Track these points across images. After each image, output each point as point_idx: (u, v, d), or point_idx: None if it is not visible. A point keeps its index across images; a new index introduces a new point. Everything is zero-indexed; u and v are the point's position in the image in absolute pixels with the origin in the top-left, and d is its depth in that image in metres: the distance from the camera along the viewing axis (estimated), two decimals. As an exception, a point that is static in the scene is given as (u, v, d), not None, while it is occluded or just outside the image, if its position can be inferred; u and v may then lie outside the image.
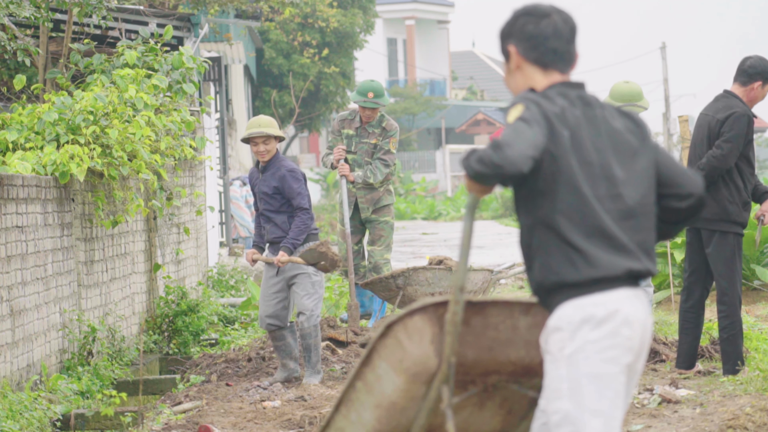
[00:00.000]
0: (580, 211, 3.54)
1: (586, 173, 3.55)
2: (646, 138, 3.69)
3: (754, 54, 7.96)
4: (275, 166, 8.80)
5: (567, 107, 3.60)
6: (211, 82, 19.33)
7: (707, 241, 7.85)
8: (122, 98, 10.05)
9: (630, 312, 3.53)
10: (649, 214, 3.63)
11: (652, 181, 3.65)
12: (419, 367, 3.73)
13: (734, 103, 7.76)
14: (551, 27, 3.66)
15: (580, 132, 3.58)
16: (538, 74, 3.69)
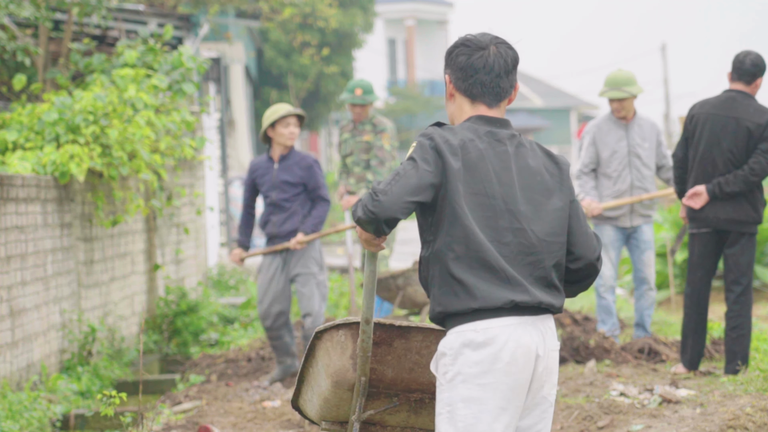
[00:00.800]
0: (465, 244, 3.62)
1: (481, 205, 3.65)
2: (565, 182, 3.77)
3: (748, 51, 7.93)
4: (298, 155, 8.85)
5: (471, 141, 3.68)
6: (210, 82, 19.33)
7: (733, 242, 7.85)
8: (122, 98, 10.05)
9: (512, 339, 3.59)
10: (556, 252, 3.70)
11: (564, 222, 3.73)
12: (340, 376, 3.98)
13: (761, 106, 7.82)
14: (482, 61, 3.74)
15: (480, 165, 3.67)
16: (466, 105, 3.78)
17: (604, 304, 9.27)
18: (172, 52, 11.27)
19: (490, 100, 3.78)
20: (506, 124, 3.78)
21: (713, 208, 7.86)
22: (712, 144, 7.86)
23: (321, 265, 8.82)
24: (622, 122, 9.22)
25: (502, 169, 3.69)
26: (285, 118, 8.77)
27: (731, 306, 7.86)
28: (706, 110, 7.90)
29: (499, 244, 3.64)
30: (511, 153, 3.72)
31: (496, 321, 3.60)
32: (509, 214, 3.67)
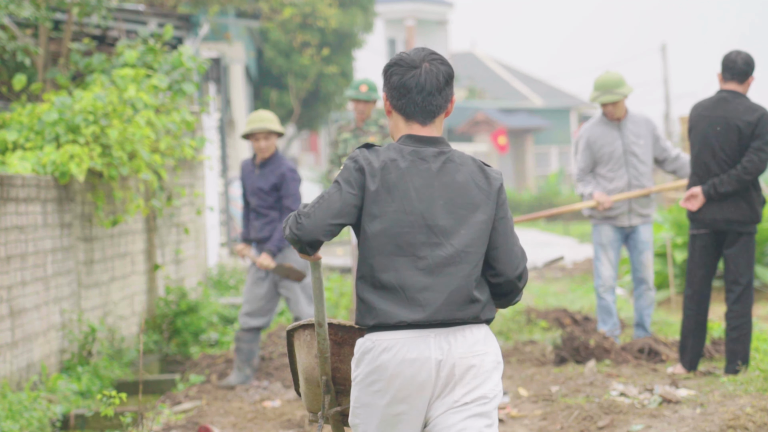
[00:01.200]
0: (370, 265, 3.85)
1: (399, 222, 3.83)
2: (492, 196, 3.90)
3: (738, 50, 7.93)
4: (275, 162, 8.80)
5: (392, 161, 3.86)
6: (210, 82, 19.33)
7: (731, 242, 7.85)
8: (122, 98, 10.05)
9: (401, 351, 3.80)
10: (474, 262, 3.85)
11: (485, 235, 3.87)
12: (308, 373, 4.21)
13: (753, 104, 7.80)
14: (415, 80, 3.89)
15: (399, 184, 3.85)
16: (401, 122, 3.95)
17: (604, 305, 9.27)
18: (172, 52, 11.27)
19: (422, 119, 3.92)
20: (435, 142, 3.92)
21: (710, 209, 7.86)
22: (705, 145, 7.87)
23: (304, 267, 8.83)
24: (615, 122, 9.24)
25: (423, 186, 3.86)
26: (254, 133, 8.75)
27: (731, 306, 7.86)
28: (699, 112, 7.93)
29: (416, 258, 3.83)
30: (435, 170, 3.88)
31: (389, 334, 3.82)
32: (427, 229, 3.84)
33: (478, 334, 3.87)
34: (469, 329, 3.86)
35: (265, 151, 8.78)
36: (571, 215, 31.96)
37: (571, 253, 19.83)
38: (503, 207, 3.92)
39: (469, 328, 3.86)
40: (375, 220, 3.85)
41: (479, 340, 3.86)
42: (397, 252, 3.84)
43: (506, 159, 52.78)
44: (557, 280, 15.70)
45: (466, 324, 3.86)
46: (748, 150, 7.76)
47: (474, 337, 3.85)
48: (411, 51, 3.96)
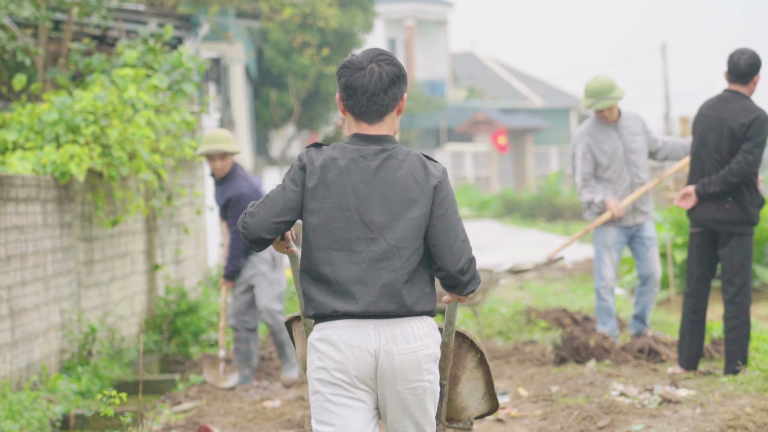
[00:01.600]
0: (308, 258, 4.05)
1: (335, 218, 4.00)
2: (429, 191, 4.02)
3: (742, 49, 7.90)
4: (227, 183, 8.87)
5: (333, 160, 4.03)
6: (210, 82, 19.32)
7: (724, 243, 7.84)
8: (122, 98, 10.05)
9: (342, 339, 3.99)
10: (409, 257, 4.00)
11: (419, 230, 4.02)
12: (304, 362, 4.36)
13: (752, 105, 7.78)
14: (360, 81, 4.02)
15: (338, 181, 4.01)
16: (352, 122, 4.10)
17: (605, 306, 9.27)
18: (172, 52, 11.27)
19: (369, 118, 4.06)
20: (379, 140, 4.06)
21: (701, 208, 7.87)
22: (702, 144, 7.88)
23: (273, 264, 8.89)
24: (612, 123, 9.24)
25: (361, 183, 4.01)
26: (209, 153, 8.81)
27: (727, 307, 7.86)
28: (700, 111, 7.94)
29: (351, 252, 3.99)
30: (374, 167, 4.02)
31: (330, 324, 4.02)
32: (363, 225, 4.00)
33: (417, 329, 4.03)
34: (409, 323, 4.02)
35: (221, 171, 8.87)
36: (571, 215, 31.94)
37: (571, 253, 19.82)
38: (443, 204, 4.03)
39: (409, 321, 4.02)
40: (313, 216, 4.01)
41: (418, 335, 4.02)
42: (333, 246, 4.00)
43: (506, 159, 52.77)
44: (557, 280, 15.70)
45: (404, 317, 4.02)
46: (738, 152, 7.76)
47: (413, 332, 4.01)
48: (361, 52, 4.07)
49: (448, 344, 4.28)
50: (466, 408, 4.49)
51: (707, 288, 8.03)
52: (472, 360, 4.42)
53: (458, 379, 4.42)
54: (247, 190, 8.83)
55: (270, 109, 32.13)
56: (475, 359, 4.42)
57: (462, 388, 4.44)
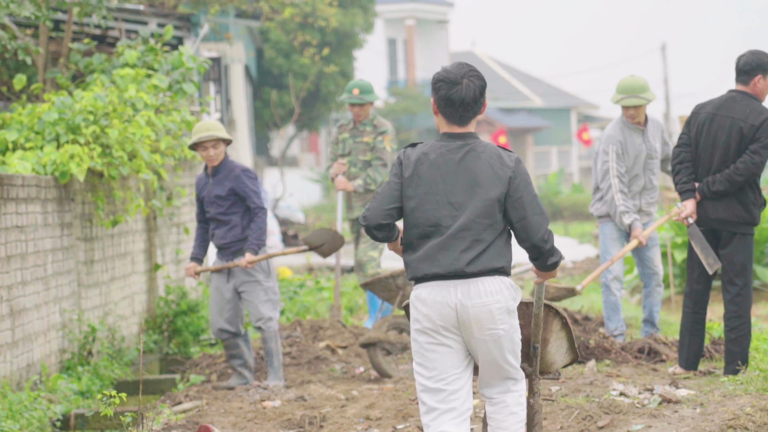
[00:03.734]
0: (406, 232, 5.03)
1: (429, 201, 4.97)
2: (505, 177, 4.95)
3: (748, 50, 7.93)
4: (227, 167, 8.77)
5: (425, 154, 5.01)
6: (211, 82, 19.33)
7: (726, 243, 7.85)
8: (122, 98, 10.05)
9: (429, 297, 4.95)
10: (486, 231, 4.94)
11: (494, 209, 4.95)
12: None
13: (760, 107, 7.80)
14: (457, 94, 4.97)
15: (429, 172, 4.98)
16: (443, 123, 5.06)
17: (613, 300, 9.32)
18: (172, 52, 11.27)
19: (461, 121, 5.02)
20: (465, 137, 5.03)
21: (704, 207, 7.88)
22: (708, 144, 7.87)
23: (268, 272, 8.80)
24: (639, 127, 9.25)
25: (447, 172, 4.98)
26: (202, 142, 8.72)
27: (728, 306, 7.86)
28: (707, 110, 7.92)
29: (441, 227, 4.95)
30: (458, 159, 4.99)
31: (422, 286, 4.99)
32: (449, 205, 4.96)
33: (489, 286, 4.93)
34: (482, 281, 4.94)
35: (215, 159, 8.74)
36: (571, 215, 31.95)
37: (571, 253, 19.83)
38: (518, 188, 4.94)
39: (482, 280, 4.94)
40: (410, 200, 4.98)
41: (489, 291, 4.92)
42: (426, 223, 4.95)
43: (506, 159, 52.70)
44: (557, 280, 15.71)
45: (479, 276, 4.93)
46: (744, 152, 7.77)
47: (485, 288, 4.92)
48: (452, 67, 5.01)
49: (539, 315, 5.23)
50: (555, 362, 5.42)
51: (707, 288, 8.04)
52: (557, 324, 5.36)
53: (547, 341, 5.35)
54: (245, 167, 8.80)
55: (270, 109, 32.11)
56: (560, 323, 5.37)
57: (551, 347, 5.38)
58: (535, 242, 4.95)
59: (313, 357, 9.52)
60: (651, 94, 9.13)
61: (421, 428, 7.01)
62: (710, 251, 7.84)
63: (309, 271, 16.56)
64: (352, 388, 8.45)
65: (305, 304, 12.65)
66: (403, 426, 7.09)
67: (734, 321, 7.83)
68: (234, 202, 8.74)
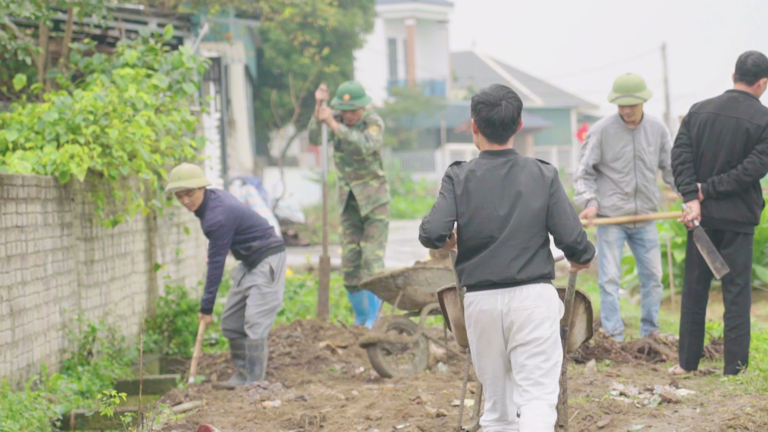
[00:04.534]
0: (460, 244, 5.44)
1: (479, 215, 5.37)
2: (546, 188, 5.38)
3: (751, 51, 7.92)
4: (203, 214, 8.82)
5: (472, 172, 5.41)
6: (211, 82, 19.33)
7: (729, 242, 7.85)
8: (122, 98, 10.05)
9: (477, 304, 5.38)
10: (534, 239, 5.34)
11: (541, 218, 5.37)
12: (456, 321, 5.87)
13: (764, 107, 7.81)
14: (498, 115, 5.37)
15: (477, 187, 5.38)
16: (484, 142, 5.46)
17: (610, 300, 9.32)
18: (172, 52, 11.27)
19: (501, 140, 5.43)
20: (506, 153, 5.44)
21: (707, 207, 7.87)
22: (712, 144, 7.86)
23: (270, 277, 8.86)
24: (630, 126, 9.22)
25: (494, 187, 5.38)
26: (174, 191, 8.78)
27: (729, 306, 7.86)
28: (708, 110, 7.90)
29: (490, 238, 5.35)
30: (503, 174, 5.39)
31: (472, 293, 5.42)
32: (499, 217, 5.35)
33: (532, 292, 5.32)
34: (526, 288, 5.32)
35: (191, 206, 8.81)
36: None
37: (571, 252, 19.83)
38: (555, 195, 5.37)
39: (526, 287, 5.33)
40: (463, 216, 5.40)
41: (531, 296, 5.30)
42: (478, 235, 5.36)
43: (506, 159, 52.72)
44: (557, 280, 15.69)
45: (524, 284, 5.32)
46: (751, 152, 7.77)
47: (528, 294, 5.30)
48: (491, 89, 5.41)
49: (570, 301, 5.62)
50: (576, 342, 5.86)
51: (707, 287, 8.04)
52: (582, 308, 5.77)
53: (573, 324, 5.77)
54: (222, 217, 8.75)
55: (270, 109, 32.10)
56: (583, 306, 5.77)
57: (576, 329, 5.81)
58: (570, 243, 5.38)
59: (313, 357, 9.52)
60: (647, 93, 9.08)
61: (421, 428, 7.02)
62: (717, 255, 7.83)
63: (309, 271, 16.56)
64: (352, 388, 8.45)
65: (305, 304, 12.65)
66: (403, 426, 7.09)
67: (734, 321, 7.83)
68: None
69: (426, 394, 7.86)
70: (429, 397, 7.73)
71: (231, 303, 9.00)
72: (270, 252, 8.89)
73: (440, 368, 9.08)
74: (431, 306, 8.97)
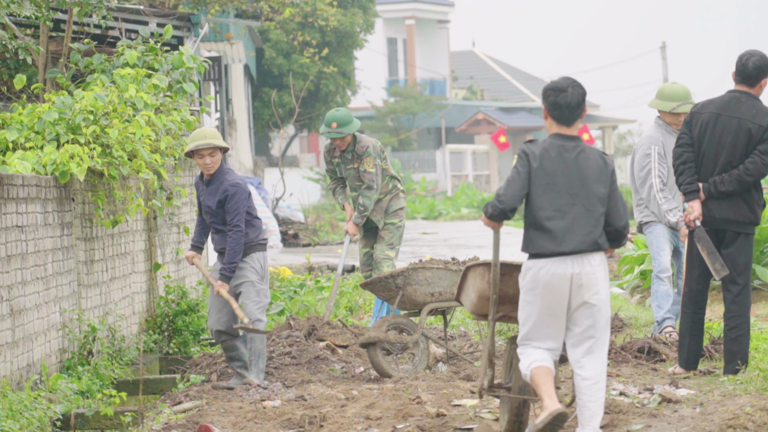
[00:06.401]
0: (534, 215, 6.15)
1: (551, 191, 6.12)
2: (609, 176, 6.19)
3: (752, 51, 7.92)
4: (219, 179, 8.77)
5: (546, 151, 6.16)
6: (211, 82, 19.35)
7: (730, 242, 7.86)
8: (122, 98, 10.05)
9: (548, 269, 6.11)
10: (597, 218, 6.15)
11: (603, 201, 6.16)
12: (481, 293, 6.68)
13: (765, 107, 7.82)
14: (565, 100, 6.15)
15: (550, 166, 6.13)
16: (553, 125, 6.23)
17: (664, 289, 9.41)
18: (172, 52, 11.27)
19: (567, 122, 6.20)
20: (574, 139, 6.21)
21: (709, 207, 7.87)
22: (714, 144, 7.86)
23: (262, 275, 8.82)
24: (675, 131, 9.30)
25: (566, 168, 6.14)
26: (199, 150, 8.73)
27: (729, 306, 7.86)
28: (710, 110, 7.91)
29: (561, 212, 6.12)
30: (573, 158, 6.16)
31: (542, 260, 6.12)
32: (568, 195, 6.14)
33: (597, 258, 6.15)
34: (591, 255, 6.13)
35: (211, 167, 8.74)
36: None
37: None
38: (614, 184, 6.18)
39: (591, 255, 6.13)
40: (537, 188, 6.11)
41: (597, 262, 6.13)
42: (550, 208, 6.10)
43: (506, 158, 52.77)
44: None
45: (590, 252, 6.11)
46: (753, 152, 7.78)
47: (594, 260, 6.12)
48: (559, 79, 6.18)
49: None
50: None
51: (706, 287, 8.04)
52: None
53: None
54: (239, 181, 8.79)
55: (270, 109, 32.10)
56: None
57: None
58: (619, 228, 6.17)
59: (313, 357, 9.52)
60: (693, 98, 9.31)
61: (421, 428, 7.02)
62: (717, 256, 7.83)
63: (309, 271, 16.56)
64: (352, 387, 8.45)
65: (305, 304, 12.66)
66: (403, 426, 7.09)
67: (735, 320, 7.83)
68: (224, 214, 8.77)
69: (426, 394, 7.86)
70: (429, 397, 7.73)
71: (219, 303, 8.87)
72: (259, 248, 8.86)
73: (440, 368, 9.09)
74: (431, 306, 8.97)
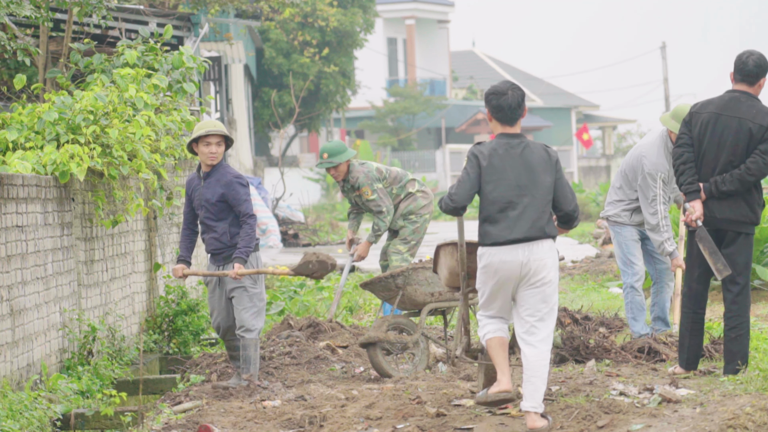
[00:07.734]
0: (485, 208, 6.78)
1: (500, 186, 6.74)
2: (553, 165, 6.83)
3: (751, 50, 7.93)
4: (220, 172, 8.74)
5: (493, 150, 6.82)
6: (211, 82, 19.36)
7: (730, 242, 7.86)
8: (122, 98, 10.05)
9: (498, 256, 6.75)
10: (545, 207, 6.78)
11: (550, 189, 6.80)
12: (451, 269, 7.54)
13: (765, 107, 7.83)
14: (506, 102, 6.82)
15: (499, 163, 6.78)
16: (497, 126, 6.90)
17: (639, 300, 9.42)
18: (172, 52, 11.28)
19: (509, 123, 6.86)
20: (518, 136, 6.86)
21: (709, 207, 7.87)
22: (714, 144, 7.86)
23: (256, 279, 8.77)
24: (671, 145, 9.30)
25: (513, 163, 6.78)
26: (206, 137, 8.68)
27: (729, 306, 7.87)
28: (710, 110, 7.90)
29: (512, 204, 6.73)
30: (519, 153, 6.81)
31: (495, 247, 6.75)
32: (517, 187, 6.75)
33: (545, 245, 6.75)
34: (540, 243, 6.74)
35: (215, 157, 8.69)
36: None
37: (571, 252, 19.84)
38: (559, 173, 6.82)
39: (540, 242, 6.73)
40: (488, 184, 6.74)
41: (545, 249, 6.74)
42: (501, 200, 6.71)
43: (506, 159, 52.66)
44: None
45: (538, 239, 6.71)
46: (754, 152, 7.78)
47: (543, 247, 6.73)
48: (498, 84, 6.84)
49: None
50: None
51: (706, 287, 8.04)
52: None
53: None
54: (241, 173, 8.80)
55: (270, 109, 32.10)
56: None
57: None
58: (568, 211, 6.85)
59: (313, 357, 9.53)
60: None
61: (421, 428, 7.02)
62: (719, 256, 7.82)
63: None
64: (352, 387, 8.45)
65: (305, 304, 12.66)
66: (403, 426, 7.09)
67: (734, 320, 7.83)
68: (222, 208, 8.72)
69: (426, 394, 7.86)
70: (429, 397, 7.73)
71: (218, 306, 8.87)
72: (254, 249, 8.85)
73: (440, 368, 9.09)
74: (431, 306, 8.97)
